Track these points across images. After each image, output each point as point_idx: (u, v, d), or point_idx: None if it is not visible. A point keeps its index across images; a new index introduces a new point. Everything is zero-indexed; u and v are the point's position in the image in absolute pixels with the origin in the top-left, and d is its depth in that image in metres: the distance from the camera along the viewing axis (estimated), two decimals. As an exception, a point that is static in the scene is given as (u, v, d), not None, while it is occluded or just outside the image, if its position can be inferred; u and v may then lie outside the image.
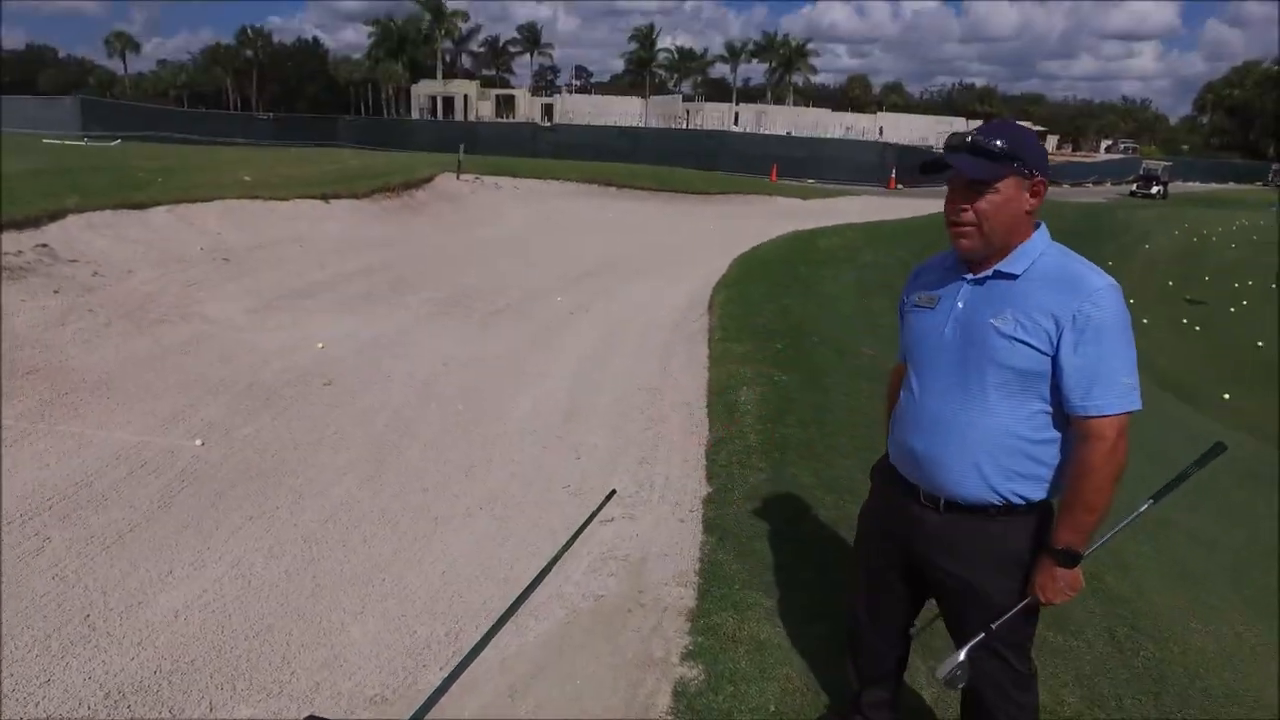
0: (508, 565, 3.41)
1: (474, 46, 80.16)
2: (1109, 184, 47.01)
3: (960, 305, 1.78)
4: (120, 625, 2.92)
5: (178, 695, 2.59)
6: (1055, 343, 1.65)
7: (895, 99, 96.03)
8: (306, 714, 2.47)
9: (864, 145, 39.20)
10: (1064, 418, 1.72)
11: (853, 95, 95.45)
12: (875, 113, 77.60)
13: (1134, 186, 40.59)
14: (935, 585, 1.91)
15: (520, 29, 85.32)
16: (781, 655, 2.58)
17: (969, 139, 1.72)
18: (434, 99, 62.83)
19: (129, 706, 2.52)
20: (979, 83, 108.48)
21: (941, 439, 1.78)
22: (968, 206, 1.70)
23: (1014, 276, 1.72)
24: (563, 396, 5.58)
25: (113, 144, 21.07)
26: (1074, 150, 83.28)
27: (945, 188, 1.78)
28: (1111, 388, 1.64)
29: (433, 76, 68.77)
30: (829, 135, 45.41)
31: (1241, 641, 3.24)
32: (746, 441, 4.21)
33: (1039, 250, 1.73)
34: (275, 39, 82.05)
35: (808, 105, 78.17)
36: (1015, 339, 1.67)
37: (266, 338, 6.46)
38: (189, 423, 4.75)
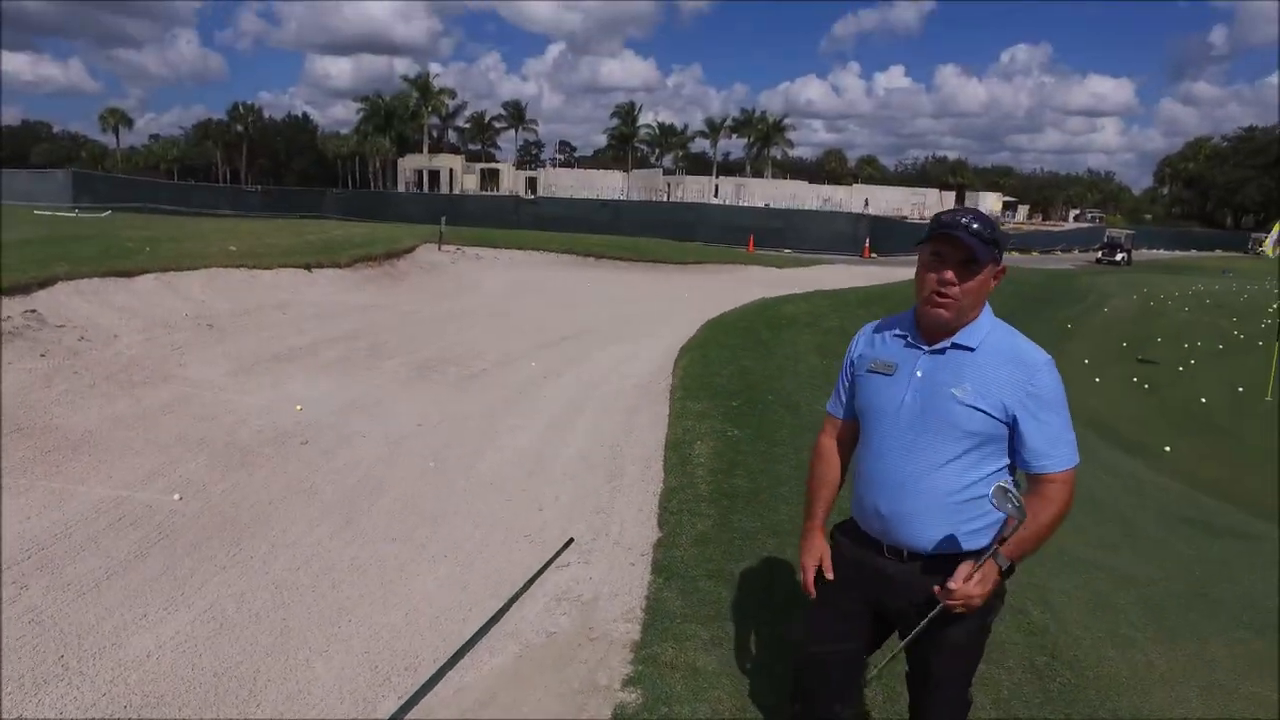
0: (467, 607, 3.61)
1: (460, 122, 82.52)
2: (1076, 251, 48.54)
3: (919, 374, 1.93)
4: (93, 665, 3.09)
5: (148, 723, 2.75)
6: (1009, 411, 1.85)
7: (871, 171, 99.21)
8: (269, 739, 2.64)
9: (839, 216, 40.45)
10: (1012, 473, 1.94)
11: (829, 168, 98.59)
12: (851, 184, 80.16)
13: (1099, 254, 41.96)
14: (903, 633, 2.01)
15: (505, 105, 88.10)
16: (714, 680, 2.80)
17: (967, 222, 1.88)
18: (420, 173, 64.35)
19: (102, 736, 2.69)
20: (951, 155, 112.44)
21: (904, 497, 1.93)
22: (956, 282, 1.86)
23: (971, 349, 1.90)
24: (529, 453, 5.82)
25: (103, 215, 21.52)
26: (1043, 219, 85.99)
27: (914, 255, 2.02)
28: (1065, 447, 1.88)
29: (419, 151, 70.54)
30: (806, 207, 46.92)
31: (1152, 668, 3.47)
32: (697, 491, 4.47)
33: (988, 327, 1.94)
34: (266, 114, 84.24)
35: (786, 178, 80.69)
36: (974, 407, 1.85)
37: (246, 399, 6.68)
38: (168, 478, 4.94)
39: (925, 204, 71.32)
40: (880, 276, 19.62)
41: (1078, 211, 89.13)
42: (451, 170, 64.77)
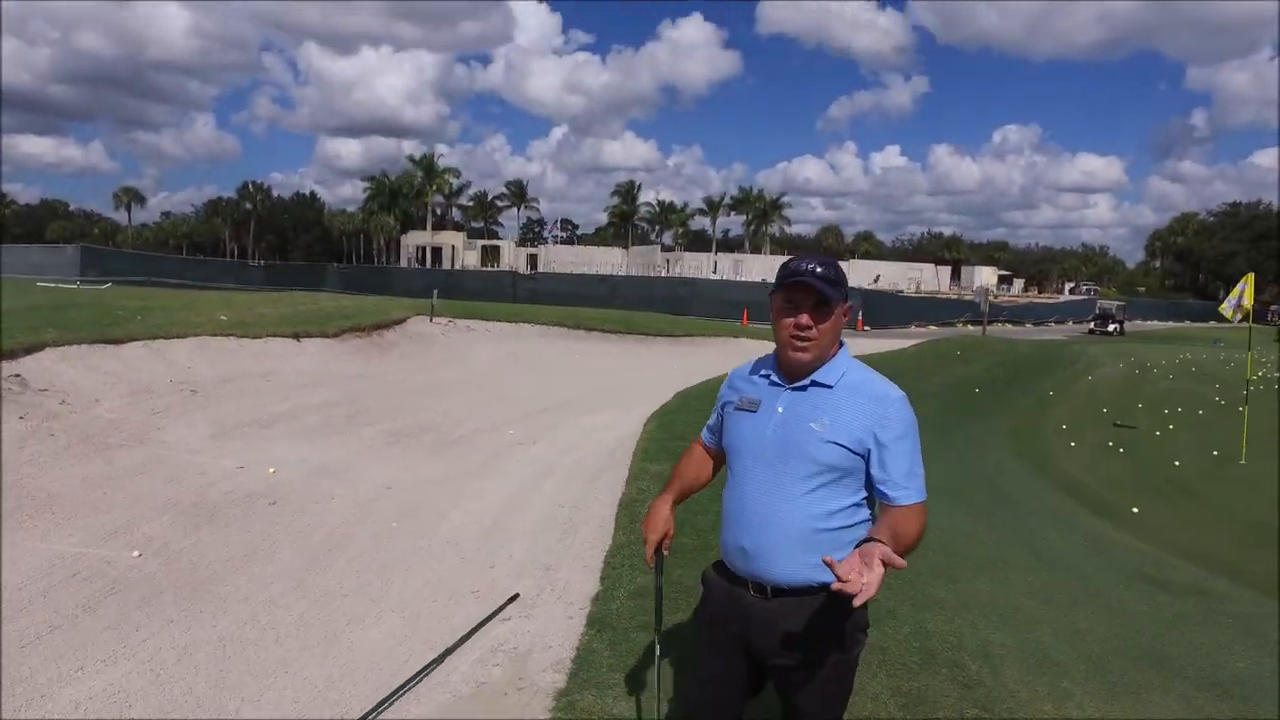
0: (404, 659, 3.65)
1: (464, 200, 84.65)
2: (1070, 323, 49.01)
3: (780, 410, 2.00)
4: (24, 713, 3.13)
5: (67, 768, 2.78)
6: (864, 445, 1.92)
7: (867, 247, 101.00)
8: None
9: (831, 290, 40.96)
10: (869, 507, 1.99)
11: (826, 244, 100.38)
12: (849, 260, 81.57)
13: (1092, 325, 42.40)
14: (771, 669, 2.03)
15: (508, 185, 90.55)
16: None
17: (812, 268, 1.97)
18: (422, 249, 65.67)
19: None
20: (948, 231, 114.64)
21: (767, 531, 1.97)
22: (812, 324, 1.96)
23: (829, 386, 1.98)
24: (491, 515, 5.90)
25: (104, 287, 21.99)
26: (1039, 292, 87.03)
27: (909, 327, 2.13)
28: (916, 479, 1.94)
29: (423, 228, 72.18)
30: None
31: (1086, 721, 3.47)
32: (641, 548, 4.54)
33: (845, 366, 2.03)
34: (275, 193, 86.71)
35: (784, 254, 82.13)
36: (832, 441, 1.92)
37: (220, 462, 6.78)
38: (130, 536, 5.01)
39: (921, 278, 72.42)
40: (867, 348, 19.86)
41: (1073, 285, 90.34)
42: (453, 247, 66.16)
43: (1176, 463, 10.40)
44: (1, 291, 10.83)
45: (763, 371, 2.12)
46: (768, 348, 2.19)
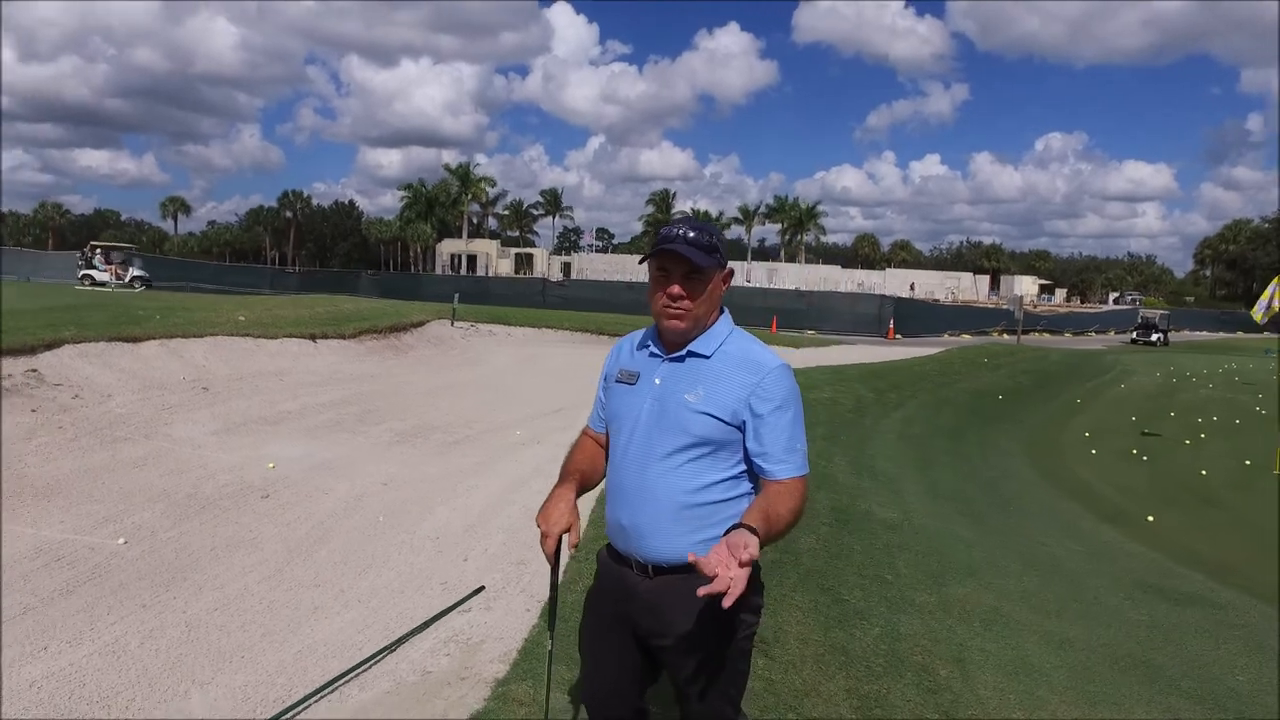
0: (358, 647, 3.65)
1: (500, 209, 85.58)
2: (1112, 333, 47.74)
3: (658, 382, 1.94)
4: (-23, 689, 3.19)
5: (6, 742, 2.83)
6: (739, 416, 1.85)
7: (904, 255, 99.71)
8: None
9: (863, 297, 40.60)
10: (750, 480, 1.90)
11: (862, 253, 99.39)
12: (884, 269, 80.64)
13: (1134, 335, 41.25)
14: (657, 651, 1.96)
15: (543, 194, 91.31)
16: (559, 714, 2.78)
17: (683, 234, 1.89)
18: (457, 257, 66.51)
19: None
20: (987, 240, 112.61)
21: (643, 507, 1.91)
22: (688, 293, 1.89)
23: (705, 356, 1.91)
24: (477, 510, 5.89)
25: (137, 290, 22.67)
26: (1081, 302, 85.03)
27: (942, 335, 2.04)
28: (794, 454, 1.86)
29: (459, 237, 73.11)
30: (841, 290, 47.12)
31: (1056, 731, 3.34)
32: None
33: (725, 334, 1.95)
34: (315, 202, 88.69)
35: (819, 263, 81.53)
36: (705, 413, 1.85)
37: (222, 456, 6.90)
38: (119, 524, 5.11)
39: (959, 287, 71.27)
40: (895, 355, 19.56)
41: (1117, 294, 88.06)
42: (488, 254, 66.90)
43: (1203, 472, 10.02)
44: (1, 292, 11.12)
45: (644, 343, 2.05)
46: (795, 354, 2.14)
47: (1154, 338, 39.76)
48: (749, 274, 68.00)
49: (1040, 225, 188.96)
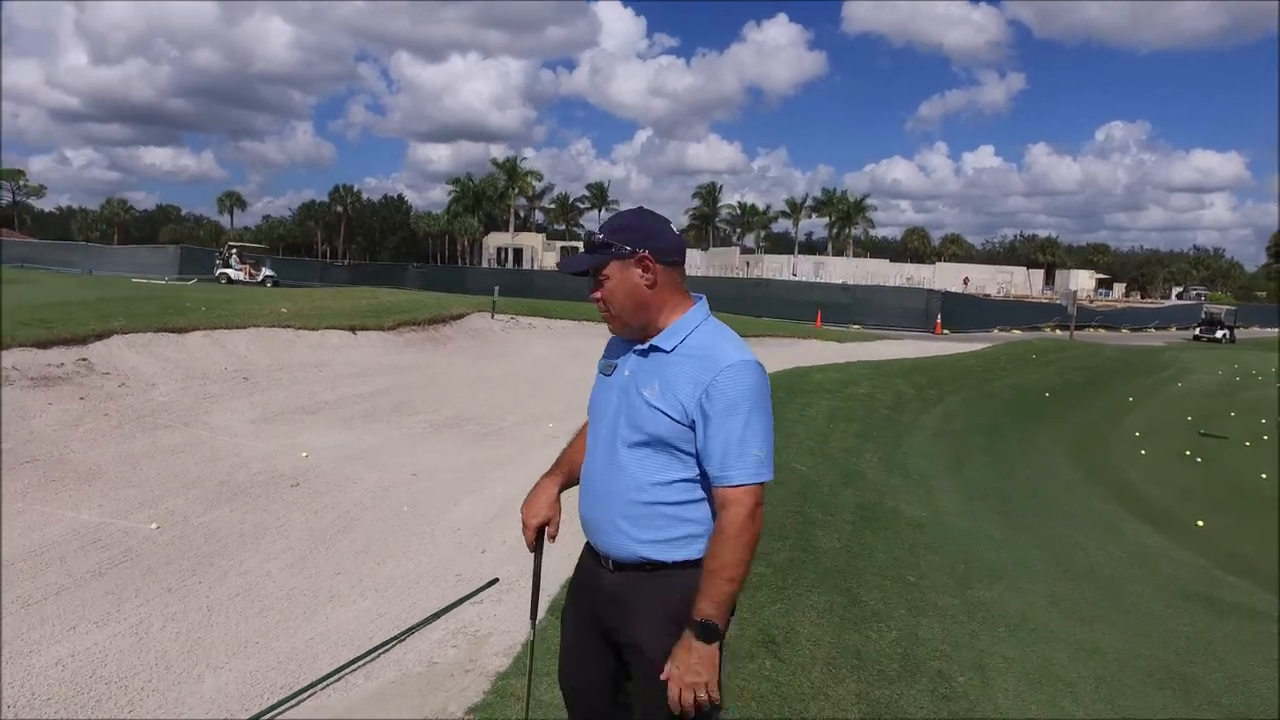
0: (370, 636, 3.69)
1: (546, 203, 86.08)
2: (1173, 329, 46.00)
3: (626, 374, 1.89)
4: (5, 670, 3.30)
5: (24, 720, 2.93)
6: (689, 414, 1.75)
7: (955, 249, 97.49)
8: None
9: (911, 292, 39.77)
10: (700, 478, 1.79)
11: (911, 246, 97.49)
12: (934, 263, 78.96)
13: (1196, 331, 39.70)
14: (620, 648, 1.91)
15: (589, 187, 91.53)
16: (552, 710, 2.77)
17: (587, 234, 1.91)
18: (503, 250, 67.15)
19: (-25, 729, 2.88)
20: (1043, 234, 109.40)
21: (602, 500, 1.87)
22: (598, 295, 1.87)
23: (666, 351, 1.83)
24: (500, 502, 5.91)
25: (189, 283, 23.41)
26: (1142, 297, 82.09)
27: (991, 331, 1.91)
28: (744, 460, 1.71)
29: (505, 230, 73.81)
30: (889, 284, 46.22)
31: (1071, 744, 3.21)
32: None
33: (692, 326, 1.84)
34: (365, 196, 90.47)
35: (867, 256, 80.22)
36: (657, 408, 1.77)
37: (257, 445, 7.06)
38: (153, 510, 5.27)
39: (1012, 281, 69.42)
40: (940, 351, 19.13)
41: (1180, 289, 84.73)
42: (533, 248, 67.41)
43: (1264, 475, 9.56)
44: (1, 285, 11.47)
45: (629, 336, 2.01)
46: (838, 348, 2.06)
47: (1219, 334, 38.19)
48: (794, 267, 67.22)
49: (1099, 218, 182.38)
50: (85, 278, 25.00)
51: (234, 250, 34.48)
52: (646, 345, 1.89)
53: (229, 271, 31.93)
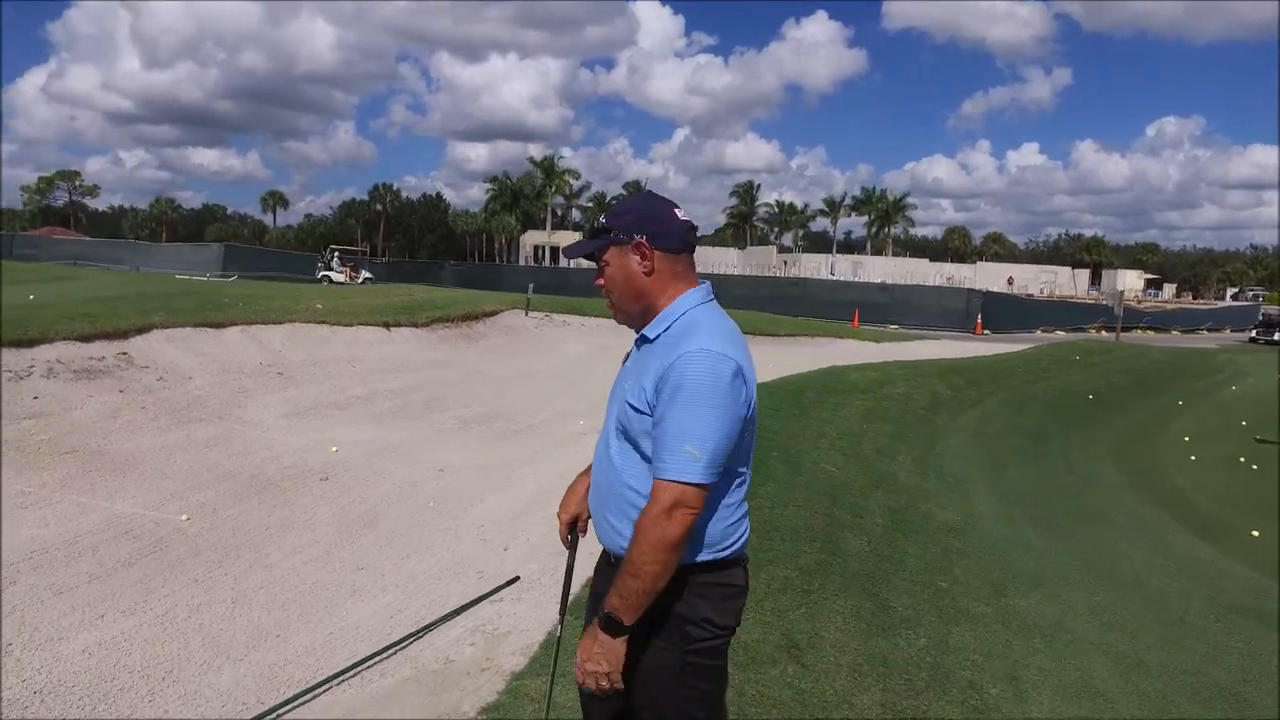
0: (387, 631, 3.68)
1: (583, 201, 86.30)
2: (1228, 331, 44.50)
3: (628, 367, 1.87)
4: (32, 654, 3.35)
5: (41, 711, 2.96)
6: (652, 405, 1.68)
7: (997, 249, 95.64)
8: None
9: (950, 291, 39.05)
10: None
11: (952, 246, 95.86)
12: (975, 262, 77.51)
13: (1253, 333, 38.32)
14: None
15: (625, 186, 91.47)
16: (566, 712, 2.71)
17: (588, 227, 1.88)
18: (540, 248, 67.50)
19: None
20: (1089, 233, 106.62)
21: (596, 496, 1.86)
22: (600, 281, 1.83)
23: (651, 340, 1.78)
24: (526, 500, 5.89)
25: (230, 279, 23.92)
26: (1194, 298, 79.57)
27: (1034, 331, 1.82)
28: (673, 453, 1.61)
29: (543, 228, 74.21)
30: (928, 284, 45.43)
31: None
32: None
33: (679, 313, 1.77)
34: (405, 195, 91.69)
35: (906, 255, 79.06)
36: (629, 402, 1.73)
37: (288, 439, 7.13)
38: (184, 501, 5.34)
39: (1056, 281, 67.87)
40: (979, 351, 18.71)
41: (1235, 290, 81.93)
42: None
43: (1325, 483, 9.14)
44: (2, 281, 11.69)
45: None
46: (875, 349, 1.99)
47: (1277, 336, 36.81)
48: (832, 266, 66.49)
49: (1149, 216, 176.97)
50: (130, 274, 25.69)
51: (335, 253, 36.06)
52: (639, 336, 1.84)
53: (330, 274, 33.09)
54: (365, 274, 34.78)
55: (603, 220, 1.82)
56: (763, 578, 4.12)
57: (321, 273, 33.39)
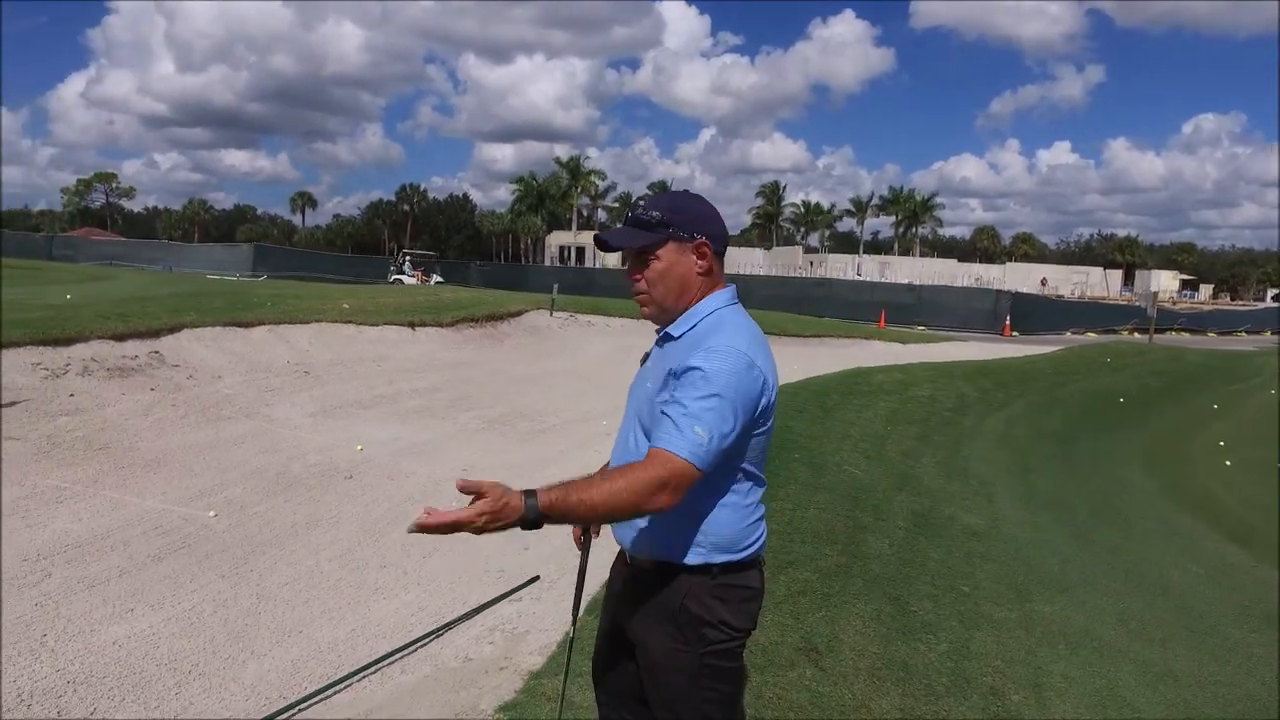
0: (408, 629, 3.72)
1: (609, 202, 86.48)
2: (1268, 333, 43.40)
3: (649, 365, 1.88)
4: (65, 645, 3.44)
5: (74, 701, 3.03)
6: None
7: (1026, 249, 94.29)
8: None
9: (978, 292, 38.57)
10: (718, 484, 1.72)
11: (981, 246, 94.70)
12: (1004, 263, 76.49)
13: (1292, 336, 37.41)
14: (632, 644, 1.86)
15: (650, 186, 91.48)
16: (583, 712, 2.72)
17: (630, 212, 1.81)
18: (565, 248, 67.76)
19: (29, 707, 2.98)
20: (1120, 233, 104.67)
21: None
22: (640, 276, 1.79)
23: (676, 338, 1.79)
24: (547, 498, 5.92)
25: (259, 279, 24.33)
26: (1231, 299, 77.81)
27: (1064, 333, 1.82)
28: (683, 430, 1.58)
29: (568, 229, 74.49)
30: (957, 284, 44.92)
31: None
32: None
33: (705, 312, 1.77)
34: (432, 196, 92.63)
35: (934, 255, 78.26)
36: (655, 400, 1.73)
37: (315, 437, 7.23)
38: (212, 498, 5.43)
39: (1087, 282, 66.77)
40: (1007, 353, 18.46)
41: (1277, 291, 79.95)
42: (595, 247, 67.92)
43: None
44: (1, 285, 11.87)
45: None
46: (901, 350, 1.98)
47: (1316, 339, 35.90)
48: (859, 267, 65.98)
49: (1185, 216, 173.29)
50: (163, 274, 26.22)
51: (407, 257, 37.05)
52: (663, 334, 1.84)
53: (402, 277, 33.88)
54: (436, 277, 35.48)
55: (655, 214, 1.77)
56: (782, 580, 4.10)
57: (394, 276, 34.04)
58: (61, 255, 37.06)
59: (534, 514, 1.49)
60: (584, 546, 2.12)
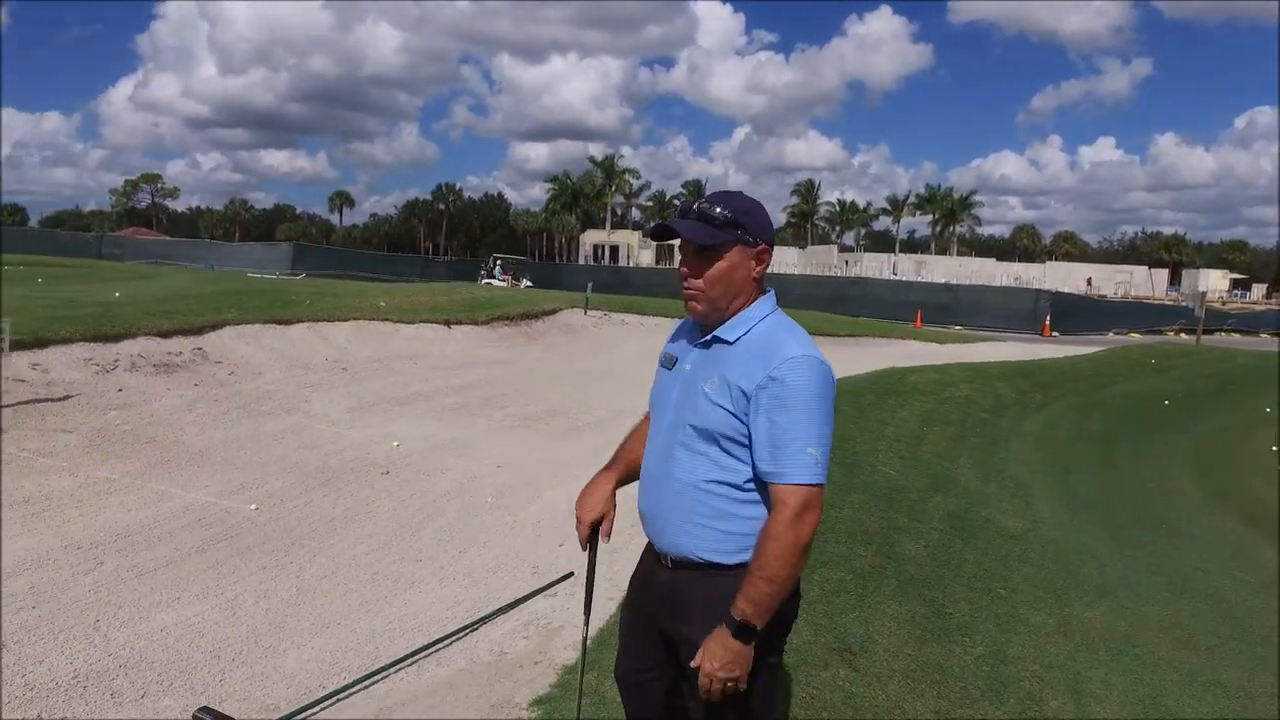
0: (443, 622, 3.77)
1: (643, 200, 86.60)
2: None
3: (688, 368, 1.86)
4: (116, 630, 3.55)
5: (125, 684, 3.13)
6: (748, 409, 1.70)
7: (1068, 248, 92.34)
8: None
9: (1016, 292, 37.90)
10: (760, 484, 1.74)
11: (1020, 245, 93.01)
12: (1044, 262, 75.01)
13: (1349, 338, 36.11)
14: (673, 643, 1.88)
15: (685, 185, 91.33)
16: (613, 708, 2.74)
17: (695, 206, 1.80)
18: (599, 247, 67.99)
19: (85, 689, 3.09)
20: (1167, 230, 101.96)
21: (658, 496, 1.85)
22: (695, 271, 1.79)
23: (729, 343, 1.79)
24: (580, 495, 5.96)
25: (298, 277, 24.81)
26: (1284, 300, 75.30)
27: (1106, 334, 1.82)
28: (797, 457, 1.65)
29: (602, 228, 74.73)
30: (995, 284, 44.19)
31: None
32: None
33: (757, 318, 1.80)
34: (467, 195, 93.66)
35: (971, 254, 77.02)
36: (716, 403, 1.74)
37: (352, 433, 7.36)
38: (253, 491, 5.56)
39: (1131, 281, 65.20)
40: (1046, 353, 18.11)
41: (1335, 290, 77.19)
42: (629, 245, 67.95)
43: None
44: (2, 280, 12.15)
45: (690, 326, 1.96)
46: (937, 350, 1.98)
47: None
48: (895, 266, 65.21)
49: (1237, 213, 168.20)
50: (206, 272, 26.87)
51: (498, 262, 37.95)
52: (709, 337, 1.83)
53: (493, 280, 34.53)
54: (526, 281, 35.65)
55: (726, 214, 1.77)
56: (816, 580, 4.08)
57: (484, 279, 34.66)
58: (110, 254, 38.19)
59: (750, 633, 1.68)
60: (591, 547, 2.09)
